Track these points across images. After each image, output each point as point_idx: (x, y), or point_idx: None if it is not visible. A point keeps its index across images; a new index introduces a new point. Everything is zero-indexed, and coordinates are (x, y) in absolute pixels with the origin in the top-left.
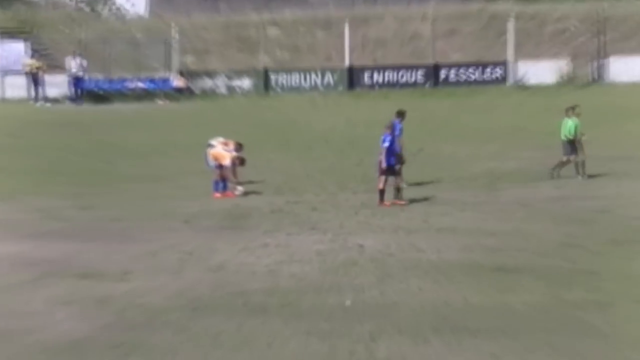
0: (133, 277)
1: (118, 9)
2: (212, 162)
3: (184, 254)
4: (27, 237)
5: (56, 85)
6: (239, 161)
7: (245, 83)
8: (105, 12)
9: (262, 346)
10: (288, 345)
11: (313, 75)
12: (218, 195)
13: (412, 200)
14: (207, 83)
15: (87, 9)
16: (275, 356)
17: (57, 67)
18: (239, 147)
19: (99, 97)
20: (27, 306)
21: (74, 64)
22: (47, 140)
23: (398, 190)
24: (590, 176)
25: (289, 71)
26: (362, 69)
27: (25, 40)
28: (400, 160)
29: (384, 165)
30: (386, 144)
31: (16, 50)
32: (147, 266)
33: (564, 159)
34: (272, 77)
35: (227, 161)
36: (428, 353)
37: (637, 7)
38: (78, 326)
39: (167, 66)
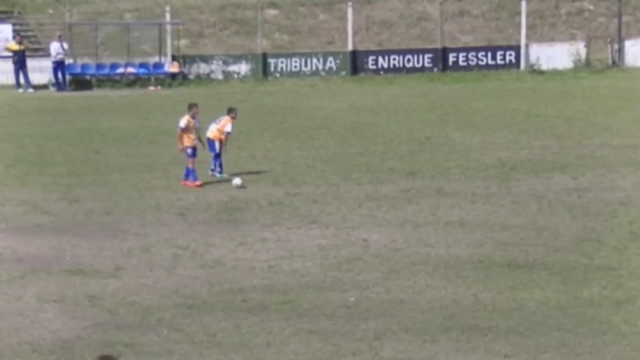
0: (125, 274)
1: None
2: (217, 146)
3: (179, 249)
4: (14, 231)
5: (41, 70)
6: (233, 116)
7: (243, 68)
8: None
9: (261, 346)
10: (288, 345)
11: (314, 60)
12: (198, 183)
13: (419, 192)
14: (202, 68)
15: None
16: (275, 356)
17: (40, 50)
18: (232, 112)
19: (86, 83)
20: (16, 304)
21: (56, 48)
22: (32, 128)
23: None
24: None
25: (288, 55)
26: (366, 53)
27: (6, 21)
28: None
29: None
30: None
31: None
32: (140, 262)
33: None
34: (271, 61)
35: (228, 126)
36: (436, 353)
37: None
38: (68, 325)
39: (160, 50)
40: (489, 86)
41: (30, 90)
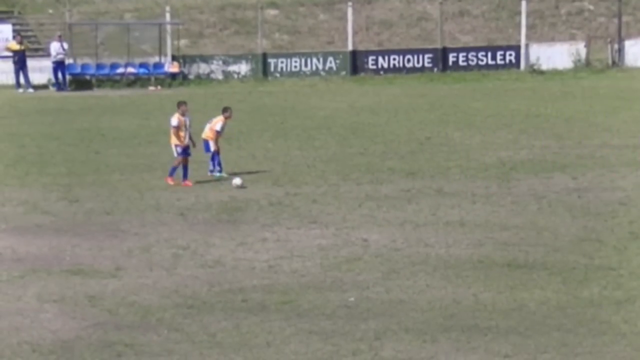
0: (125, 274)
1: None
2: (212, 146)
3: (179, 249)
4: (14, 231)
5: (41, 70)
6: (228, 115)
7: (243, 68)
8: None
9: (261, 346)
10: (288, 345)
11: (314, 60)
12: (170, 180)
13: (419, 192)
14: (202, 68)
15: None
16: (275, 356)
17: (40, 50)
18: (227, 111)
19: (86, 83)
20: (16, 304)
21: (56, 48)
22: (32, 128)
23: None
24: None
25: (288, 55)
26: (366, 53)
27: (6, 21)
28: None
29: None
30: None
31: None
32: (140, 262)
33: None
34: (271, 61)
35: (218, 125)
36: (436, 353)
37: None
38: (68, 325)
39: (160, 50)
40: (489, 86)
41: (30, 90)
